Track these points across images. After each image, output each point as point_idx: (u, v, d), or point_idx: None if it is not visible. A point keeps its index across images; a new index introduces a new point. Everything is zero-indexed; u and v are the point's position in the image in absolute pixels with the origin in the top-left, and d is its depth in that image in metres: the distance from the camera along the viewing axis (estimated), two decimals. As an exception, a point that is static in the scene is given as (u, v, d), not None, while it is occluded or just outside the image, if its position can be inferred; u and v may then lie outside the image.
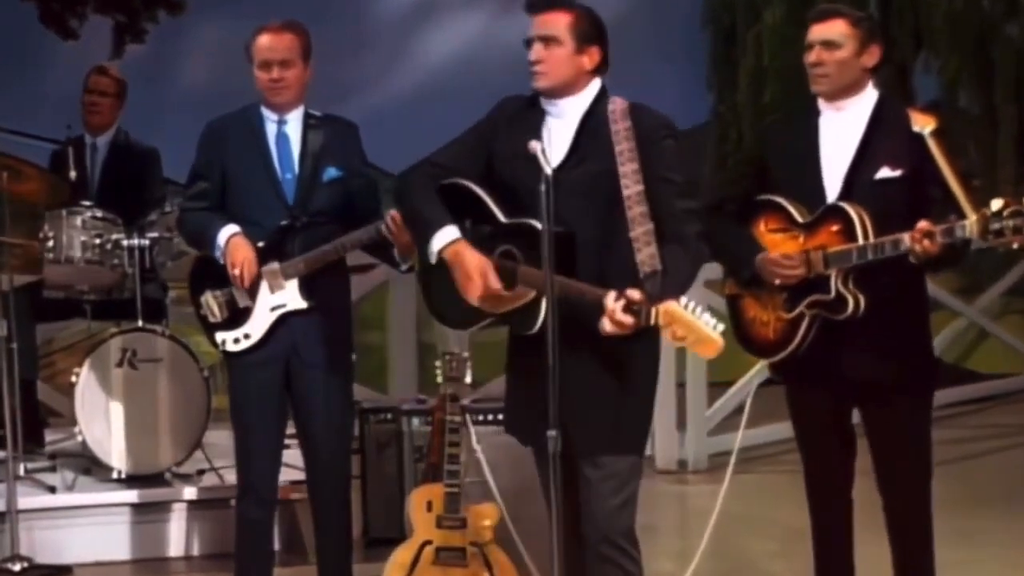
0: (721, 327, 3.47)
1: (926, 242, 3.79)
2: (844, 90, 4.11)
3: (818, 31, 4.10)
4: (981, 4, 13.78)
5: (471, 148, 3.90)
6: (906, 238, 3.82)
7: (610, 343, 3.64)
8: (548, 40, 3.78)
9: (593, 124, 3.79)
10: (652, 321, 3.48)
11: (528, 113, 3.87)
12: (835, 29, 4.07)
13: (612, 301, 3.53)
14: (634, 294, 3.52)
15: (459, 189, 3.85)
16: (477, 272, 3.73)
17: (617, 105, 3.79)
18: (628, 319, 3.51)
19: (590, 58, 3.80)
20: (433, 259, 3.78)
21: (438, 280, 3.85)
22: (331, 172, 4.65)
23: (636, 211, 3.68)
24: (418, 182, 3.89)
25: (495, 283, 3.73)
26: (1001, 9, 13.70)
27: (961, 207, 3.78)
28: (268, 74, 4.58)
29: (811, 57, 4.10)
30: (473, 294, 3.73)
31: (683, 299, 3.48)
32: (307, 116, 4.68)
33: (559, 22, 3.78)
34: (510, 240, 3.76)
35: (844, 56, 4.07)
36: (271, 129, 4.67)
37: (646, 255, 3.63)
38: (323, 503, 4.83)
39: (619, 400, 3.80)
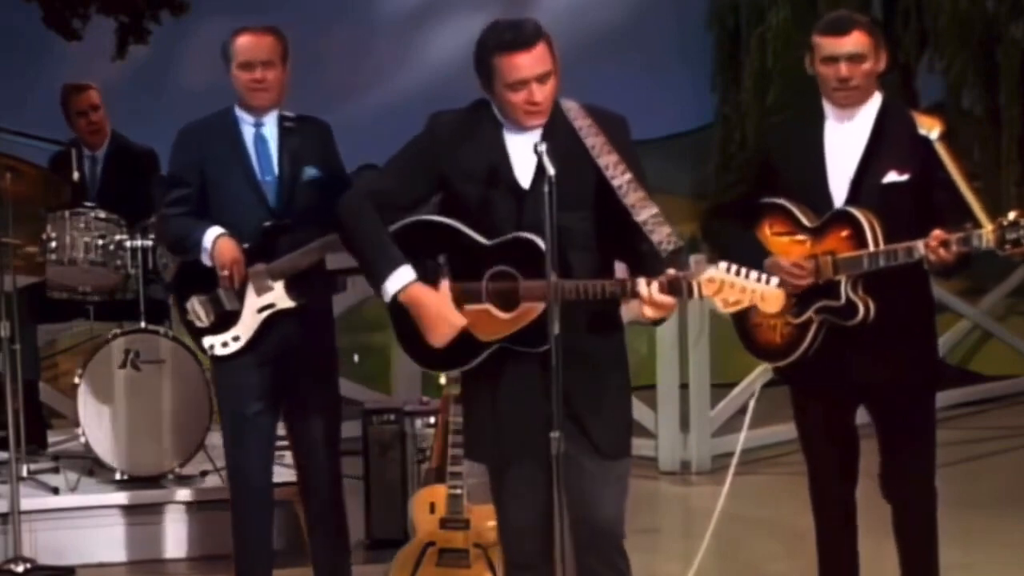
0: (776, 280, 3.41)
1: (942, 251, 3.77)
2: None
3: (842, 45, 3.99)
4: (986, 5, 13.75)
5: (412, 173, 3.68)
6: (920, 246, 3.80)
7: (592, 347, 3.62)
8: (546, 76, 3.55)
9: (556, 130, 3.61)
10: (696, 294, 3.43)
11: (478, 128, 3.66)
12: (859, 41, 3.99)
13: (645, 287, 3.46)
14: (669, 273, 3.46)
15: (421, 226, 3.67)
16: (438, 317, 3.57)
17: (570, 105, 3.66)
18: (668, 299, 3.46)
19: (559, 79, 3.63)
20: (388, 298, 3.61)
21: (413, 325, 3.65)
22: (310, 172, 4.64)
23: (635, 197, 3.55)
24: (363, 214, 3.66)
25: (459, 321, 3.57)
26: (1007, 10, 13.67)
27: (975, 214, 3.76)
28: (250, 74, 4.58)
29: (842, 72, 3.99)
30: (438, 341, 3.58)
31: (721, 264, 3.41)
32: (282, 118, 4.69)
33: (547, 53, 3.56)
34: (499, 261, 3.58)
35: (870, 67, 4.02)
36: (248, 132, 4.68)
37: (663, 235, 3.50)
38: (315, 504, 4.84)
39: (614, 401, 3.75)
